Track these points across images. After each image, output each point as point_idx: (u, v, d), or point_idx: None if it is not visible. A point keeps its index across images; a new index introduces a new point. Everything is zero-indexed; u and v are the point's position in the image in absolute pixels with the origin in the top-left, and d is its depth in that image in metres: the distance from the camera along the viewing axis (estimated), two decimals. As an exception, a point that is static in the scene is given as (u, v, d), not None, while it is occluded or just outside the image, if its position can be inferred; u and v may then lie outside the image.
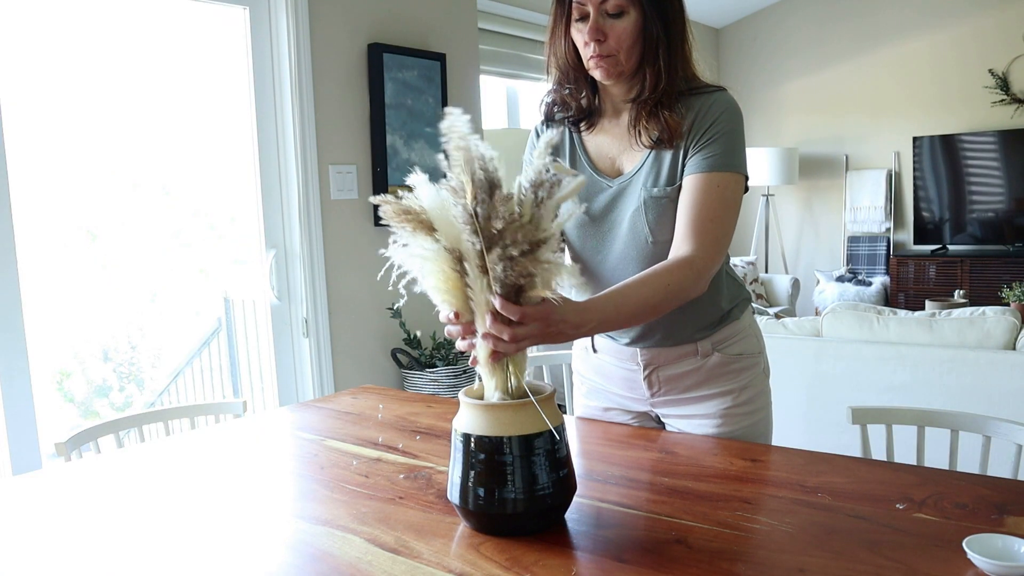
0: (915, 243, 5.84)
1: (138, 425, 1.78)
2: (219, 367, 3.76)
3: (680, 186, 1.37)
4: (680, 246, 1.32)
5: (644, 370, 1.50)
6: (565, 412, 2.40)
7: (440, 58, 3.31)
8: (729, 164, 1.34)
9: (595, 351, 1.57)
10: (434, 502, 1.17)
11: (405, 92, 3.18)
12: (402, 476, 1.29)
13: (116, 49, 2.70)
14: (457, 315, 1.06)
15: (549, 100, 1.52)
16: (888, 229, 5.97)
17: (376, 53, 3.07)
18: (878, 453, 1.67)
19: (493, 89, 4.36)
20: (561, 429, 1.06)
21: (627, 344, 1.49)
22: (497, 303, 1.01)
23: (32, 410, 2.23)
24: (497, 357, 1.05)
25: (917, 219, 5.79)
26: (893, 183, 5.96)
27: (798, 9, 6.17)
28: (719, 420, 1.48)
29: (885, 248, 5.94)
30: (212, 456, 1.46)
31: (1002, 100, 5.47)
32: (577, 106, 1.47)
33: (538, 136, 1.53)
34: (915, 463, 1.44)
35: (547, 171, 1.05)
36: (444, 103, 3.34)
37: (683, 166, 1.37)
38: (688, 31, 1.39)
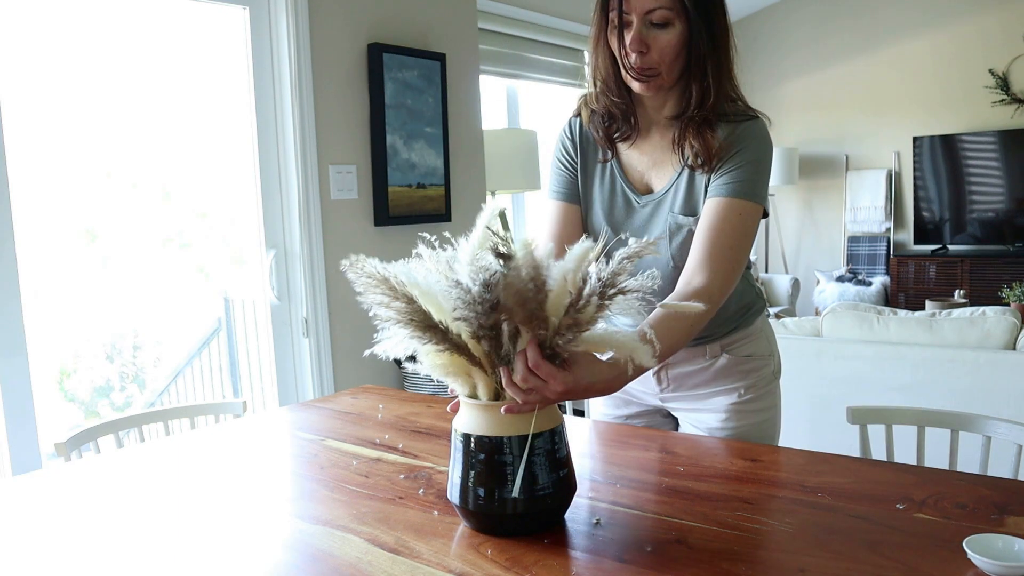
0: (915, 243, 5.84)
1: (138, 425, 1.78)
2: (219, 367, 3.76)
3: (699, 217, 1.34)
4: (695, 274, 1.29)
5: (655, 368, 1.51)
6: (565, 412, 2.40)
7: (440, 58, 3.31)
8: (753, 193, 1.31)
9: None
10: (434, 502, 1.17)
11: (405, 92, 3.18)
12: (402, 476, 1.29)
13: (116, 49, 2.70)
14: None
15: (592, 108, 1.45)
16: (888, 229, 5.98)
17: (376, 53, 3.07)
18: (878, 453, 1.67)
19: (493, 89, 4.36)
20: (561, 429, 1.06)
21: None
22: (531, 357, 0.97)
23: (32, 410, 2.23)
24: (516, 410, 1.00)
25: (917, 219, 5.79)
26: (893, 183, 5.96)
27: (798, 9, 6.17)
28: (725, 415, 1.50)
29: (885, 248, 5.94)
30: (212, 456, 1.46)
31: (1002, 100, 5.47)
32: (620, 115, 1.42)
33: (570, 131, 1.50)
34: (915, 463, 1.44)
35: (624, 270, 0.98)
36: (444, 103, 3.34)
37: (707, 193, 1.34)
38: (733, 48, 1.35)
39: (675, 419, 1.63)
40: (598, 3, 1.33)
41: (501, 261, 0.97)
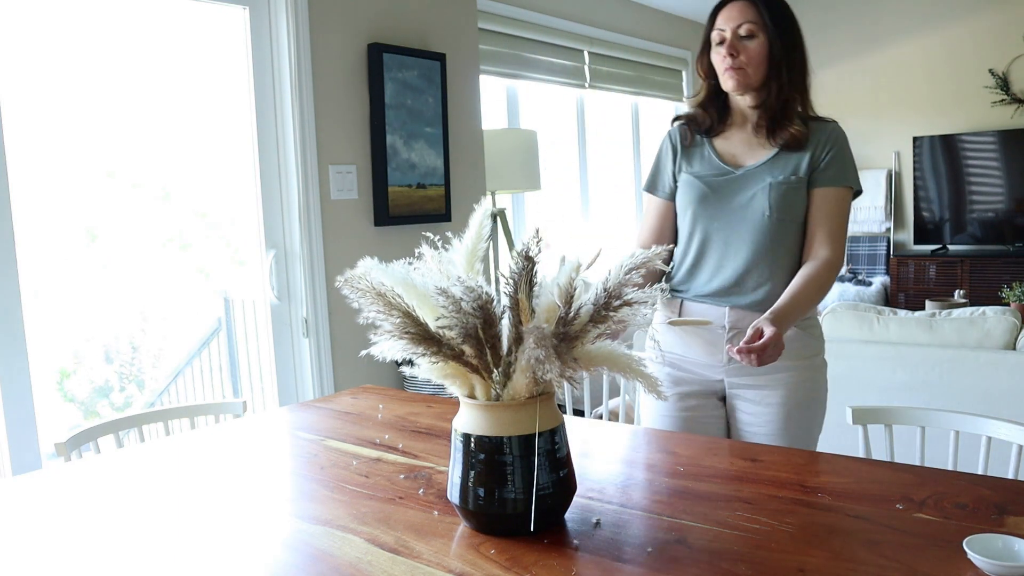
0: (915, 243, 5.83)
1: (138, 425, 1.78)
2: (219, 367, 3.76)
3: (804, 179, 1.67)
4: (820, 249, 1.65)
5: (728, 332, 1.67)
6: (565, 412, 2.40)
7: (440, 58, 3.31)
8: (850, 179, 1.69)
9: (680, 315, 1.77)
10: (434, 502, 1.17)
11: (405, 92, 3.18)
12: (402, 476, 1.29)
13: (116, 49, 2.70)
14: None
15: (688, 111, 1.82)
16: (888, 229, 5.97)
17: (376, 53, 3.07)
18: (879, 453, 1.67)
19: (493, 89, 4.36)
20: (561, 429, 1.06)
21: (719, 296, 1.70)
22: (735, 353, 1.39)
23: (32, 410, 2.23)
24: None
25: (917, 219, 5.78)
26: (893, 183, 5.96)
27: (798, 9, 6.15)
28: (786, 390, 1.65)
29: (885, 248, 5.94)
30: (212, 456, 1.46)
31: (1002, 100, 5.47)
32: (715, 113, 1.77)
33: (670, 136, 1.83)
34: (915, 463, 1.44)
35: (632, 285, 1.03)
36: (444, 103, 3.34)
37: (810, 171, 1.67)
38: (808, 67, 1.73)
39: (724, 408, 1.73)
40: (705, 30, 1.73)
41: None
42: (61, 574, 0.99)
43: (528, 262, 1.01)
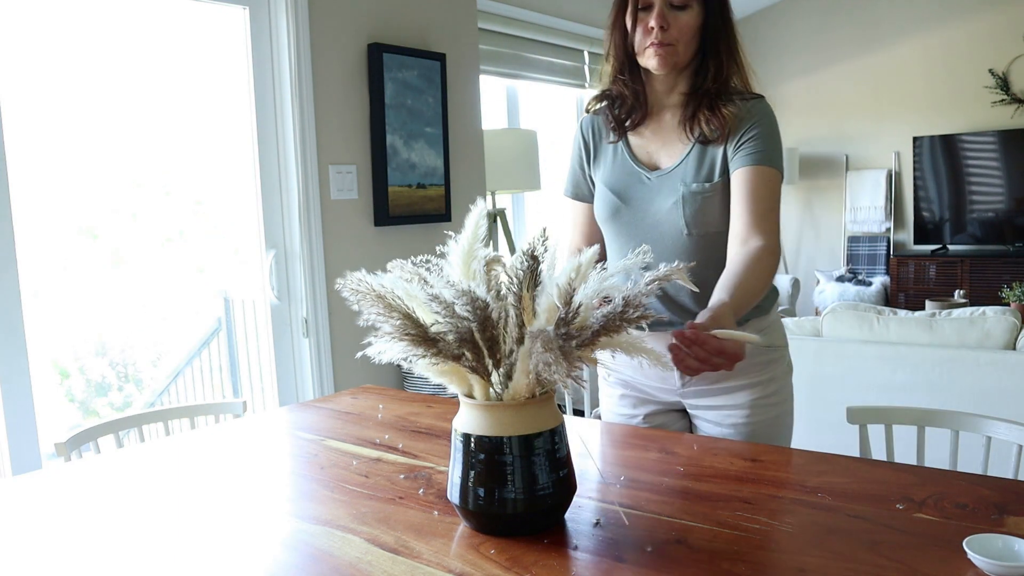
0: (915, 243, 5.84)
1: (138, 425, 1.78)
2: (219, 367, 3.76)
3: (719, 183, 1.44)
4: (749, 236, 1.37)
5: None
6: (565, 412, 2.40)
7: (440, 58, 3.31)
8: (776, 161, 1.42)
9: None
10: (434, 502, 1.17)
11: (405, 92, 3.18)
12: (402, 476, 1.29)
13: (116, 49, 2.70)
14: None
15: (606, 91, 1.56)
16: (888, 229, 5.98)
17: (376, 53, 3.07)
18: (878, 453, 1.67)
19: (493, 89, 4.36)
20: (561, 429, 1.06)
21: (657, 322, 1.50)
22: (690, 333, 1.05)
23: (32, 410, 2.23)
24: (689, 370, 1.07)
25: (917, 219, 5.79)
26: (893, 183, 5.96)
27: (798, 9, 6.17)
28: (747, 411, 1.52)
29: (885, 248, 5.94)
30: (212, 456, 1.46)
31: (1002, 100, 5.47)
32: (632, 97, 1.52)
33: (582, 128, 1.61)
34: (915, 463, 1.44)
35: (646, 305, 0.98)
36: (444, 103, 3.34)
37: (724, 162, 1.44)
38: (739, 39, 1.50)
39: (689, 419, 1.64)
40: None
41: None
42: (61, 574, 0.99)
43: (533, 261, 1.01)
